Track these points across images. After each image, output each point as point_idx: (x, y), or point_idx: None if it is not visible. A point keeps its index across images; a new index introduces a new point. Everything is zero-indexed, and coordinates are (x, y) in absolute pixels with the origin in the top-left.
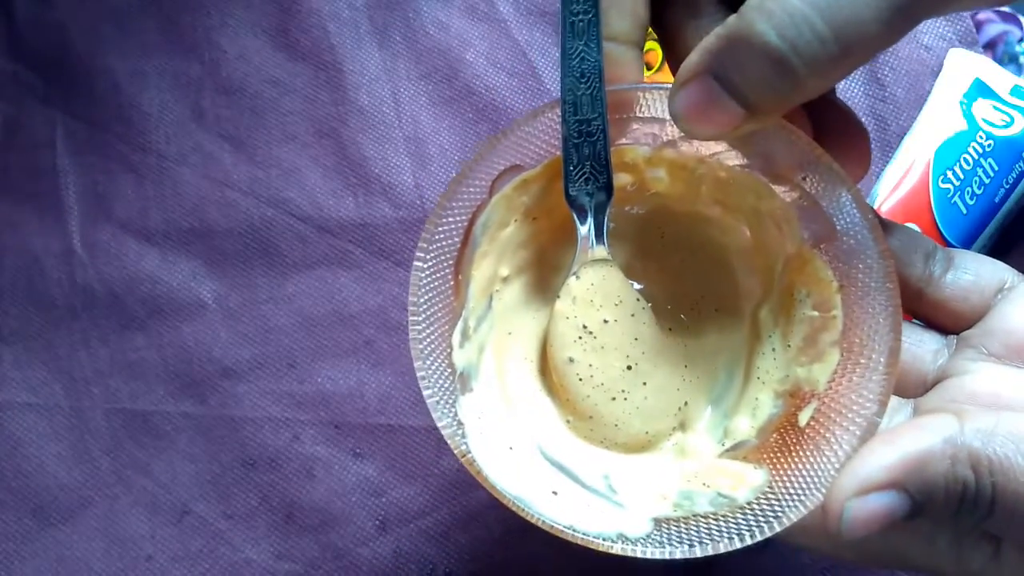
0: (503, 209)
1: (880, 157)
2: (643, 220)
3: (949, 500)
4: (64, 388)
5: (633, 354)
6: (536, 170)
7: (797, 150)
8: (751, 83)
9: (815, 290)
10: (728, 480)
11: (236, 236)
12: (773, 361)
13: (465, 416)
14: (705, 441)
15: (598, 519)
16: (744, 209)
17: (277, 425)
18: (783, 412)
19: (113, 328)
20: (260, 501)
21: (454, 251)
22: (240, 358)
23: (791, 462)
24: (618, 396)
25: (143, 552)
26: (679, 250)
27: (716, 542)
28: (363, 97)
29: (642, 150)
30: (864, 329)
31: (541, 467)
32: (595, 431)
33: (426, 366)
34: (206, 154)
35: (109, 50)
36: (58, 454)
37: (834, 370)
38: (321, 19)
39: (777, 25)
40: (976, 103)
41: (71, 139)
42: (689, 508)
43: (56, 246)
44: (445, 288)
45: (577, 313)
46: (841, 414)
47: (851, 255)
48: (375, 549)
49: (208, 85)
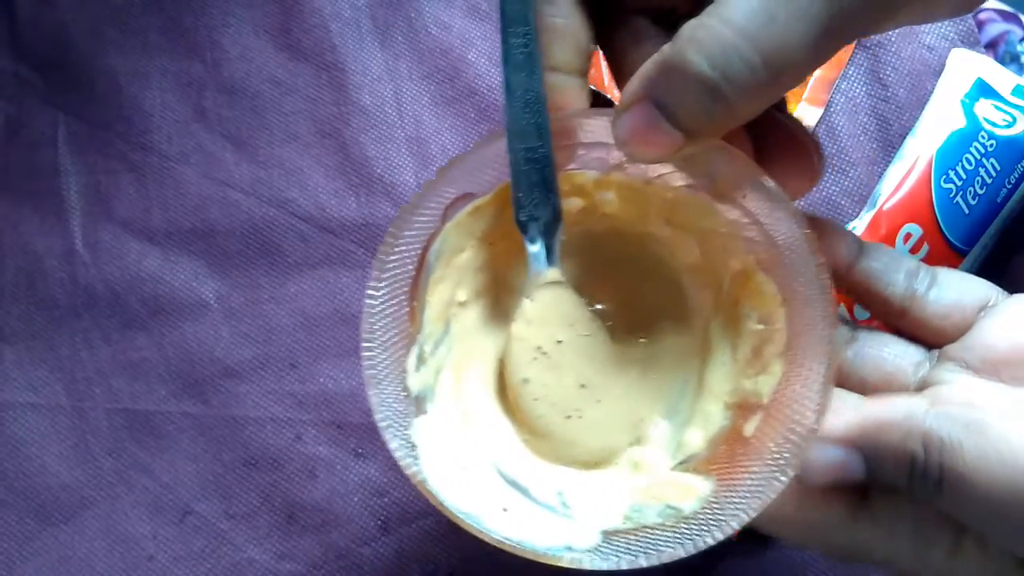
0: (457, 236)
1: (882, 157)
2: (595, 241)
3: (898, 470)
4: (66, 388)
5: (587, 373)
6: (488, 197)
7: (736, 170)
8: (686, 109)
9: (759, 305)
10: (677, 492)
11: (238, 236)
12: (723, 374)
13: (418, 438)
14: (659, 454)
15: (547, 533)
16: (691, 228)
17: (279, 425)
18: (731, 423)
19: (115, 328)
20: (262, 501)
21: (408, 279)
22: (242, 358)
23: (736, 471)
24: (573, 414)
25: (145, 552)
26: (631, 269)
27: (660, 552)
28: (365, 97)
29: (590, 174)
30: (804, 341)
31: (495, 485)
32: (552, 449)
33: (379, 391)
34: (208, 154)
35: (111, 50)
36: (60, 454)
37: (778, 381)
38: (323, 19)
39: (708, 54)
40: (978, 103)
41: (73, 138)
42: (639, 520)
43: (58, 246)
44: (400, 315)
45: (531, 334)
46: (783, 423)
47: (791, 270)
48: (377, 549)
49: (210, 85)
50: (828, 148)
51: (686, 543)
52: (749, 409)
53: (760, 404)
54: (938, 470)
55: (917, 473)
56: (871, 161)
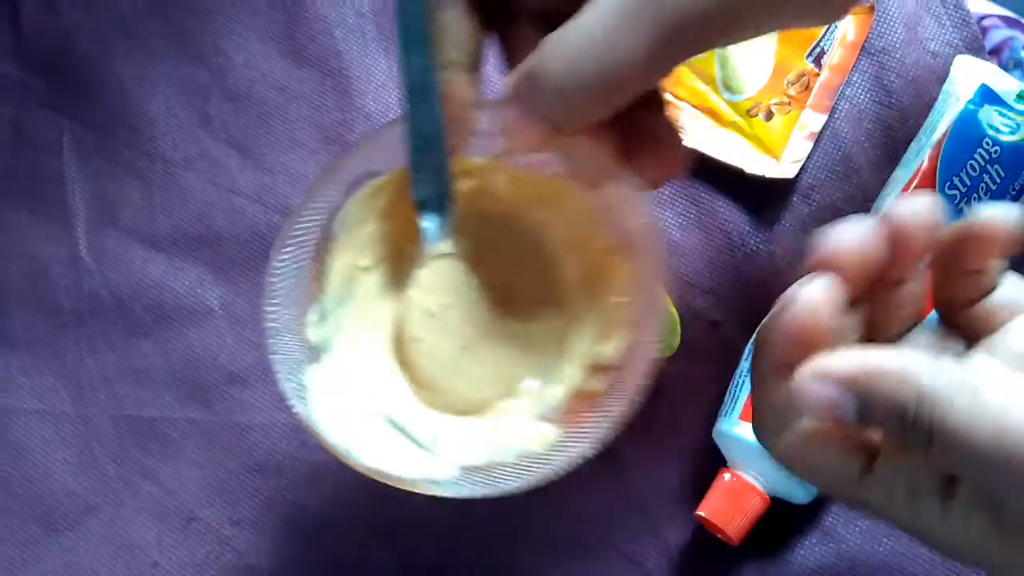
0: (360, 209)
1: (887, 164)
2: (482, 219)
3: (889, 419)
4: (71, 394)
5: (469, 335)
6: (388, 176)
7: (598, 161)
8: (545, 111)
9: (615, 281)
10: (529, 437)
11: (243, 242)
12: (583, 341)
13: (310, 382)
14: (524, 406)
15: (414, 467)
16: (563, 211)
17: (284, 431)
18: (586, 382)
19: (120, 334)
20: (266, 508)
21: (312, 245)
22: (246, 364)
23: (581, 422)
24: (454, 370)
25: (149, 558)
26: (512, 245)
27: (503, 483)
28: (370, 103)
29: (479, 159)
30: (645, 313)
31: (378, 426)
32: (435, 398)
33: (278, 340)
34: (213, 160)
35: (116, 56)
36: (64, 460)
37: (623, 348)
38: (327, 25)
39: (556, 64)
40: (982, 110)
41: (78, 145)
42: (495, 459)
43: (63, 252)
44: (302, 276)
45: (423, 299)
46: (620, 384)
47: (640, 252)
48: (381, 556)
49: (215, 91)
50: (833, 154)
51: (525, 478)
52: (600, 370)
53: (608, 366)
54: (928, 424)
55: (908, 424)
56: (875, 167)
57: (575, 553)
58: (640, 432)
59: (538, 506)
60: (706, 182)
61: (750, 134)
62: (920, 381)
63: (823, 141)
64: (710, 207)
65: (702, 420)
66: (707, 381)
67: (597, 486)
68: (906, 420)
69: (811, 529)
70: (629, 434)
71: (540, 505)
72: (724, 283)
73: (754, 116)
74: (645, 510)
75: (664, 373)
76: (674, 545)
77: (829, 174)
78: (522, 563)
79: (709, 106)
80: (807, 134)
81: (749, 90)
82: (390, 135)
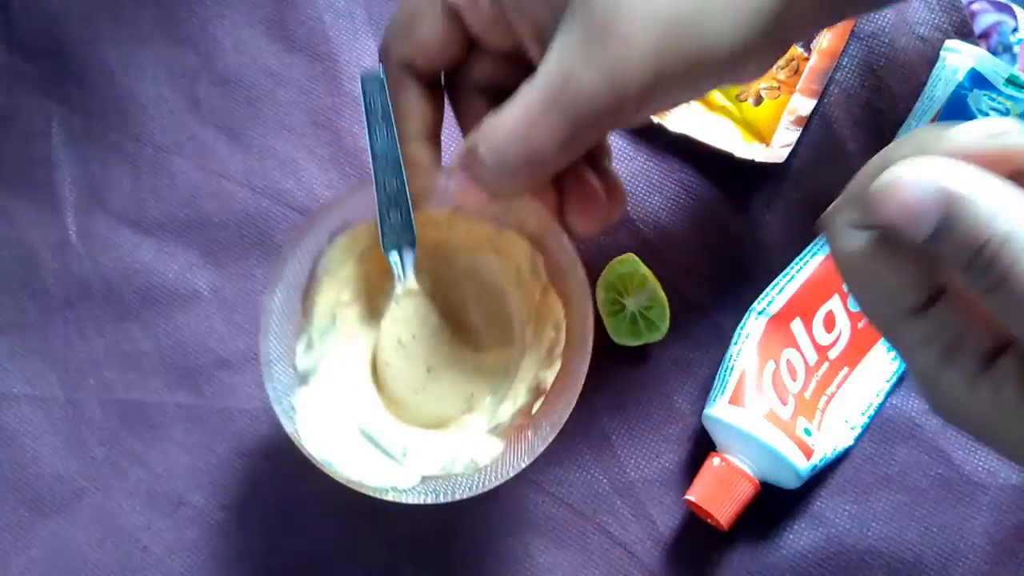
0: (340, 254)
1: (876, 148)
2: (443, 262)
3: (962, 251)
4: (59, 379)
5: (433, 360)
6: (362, 226)
7: (537, 216)
8: (483, 182)
9: (552, 315)
10: (478, 450)
11: (232, 227)
12: (529, 365)
13: (299, 403)
14: (481, 421)
15: (381, 476)
16: (509, 256)
17: (273, 416)
18: (528, 403)
19: (109, 319)
20: (255, 493)
21: (301, 285)
22: (236, 349)
23: (520, 437)
24: (420, 390)
25: (138, 543)
26: (470, 284)
27: (455, 492)
28: (358, 88)
29: (439, 212)
30: (575, 343)
31: (354, 440)
32: (404, 414)
33: (270, 368)
34: (202, 144)
35: (104, 40)
36: (53, 445)
37: (557, 372)
38: (317, 10)
39: (484, 151)
40: (972, 94)
41: (66, 129)
42: (449, 469)
43: (51, 236)
44: (292, 313)
45: (394, 330)
46: (552, 406)
47: (573, 291)
48: (371, 541)
49: (204, 76)
50: (822, 139)
51: (473, 487)
52: (538, 393)
53: (544, 389)
54: (1003, 269)
55: (981, 262)
56: (865, 152)
57: (564, 538)
58: (630, 417)
59: (527, 491)
60: (695, 167)
61: (739, 119)
62: (1013, 222)
63: (812, 126)
64: (699, 192)
65: (692, 405)
66: (696, 365)
67: (587, 471)
68: (982, 257)
69: (800, 514)
70: (619, 418)
71: (529, 490)
72: (713, 268)
73: (743, 101)
74: (635, 495)
75: (654, 358)
76: (663, 530)
77: (818, 159)
78: (511, 546)
79: None
80: (796, 119)
81: None
82: (363, 193)
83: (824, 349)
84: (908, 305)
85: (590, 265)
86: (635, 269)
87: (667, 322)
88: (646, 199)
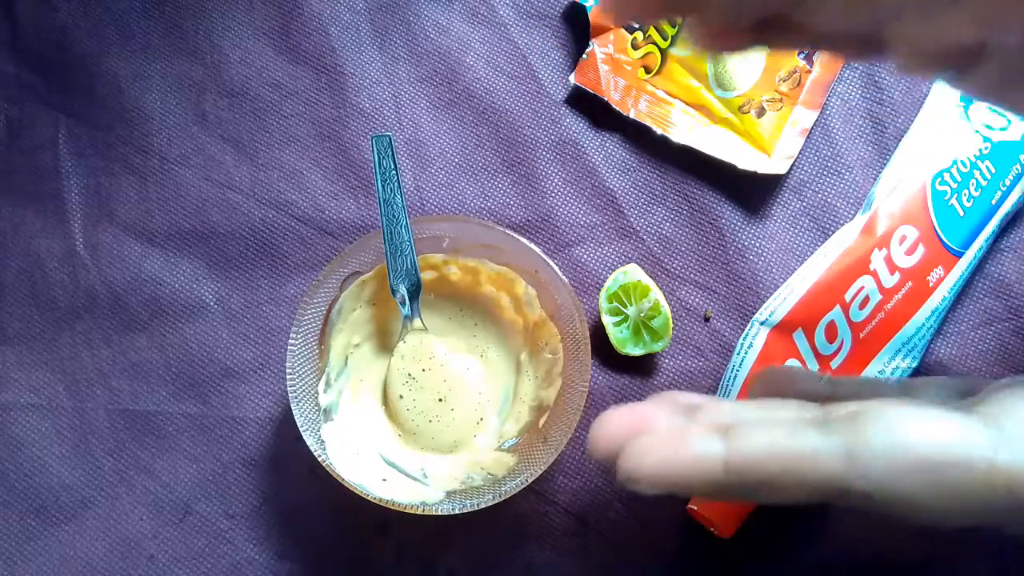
0: (351, 300)
1: (878, 160)
2: (447, 298)
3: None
4: (67, 389)
5: (442, 390)
6: (370, 274)
7: (531, 256)
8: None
9: (549, 341)
10: (494, 464)
11: (238, 238)
12: (529, 387)
13: (327, 437)
14: (490, 441)
15: (410, 494)
16: (508, 291)
17: (278, 426)
18: (533, 419)
19: (115, 329)
20: (262, 501)
21: (318, 330)
22: (242, 359)
23: (531, 450)
24: (433, 419)
25: (145, 552)
26: (472, 317)
27: (478, 501)
28: (364, 100)
29: (439, 256)
30: (573, 365)
31: (379, 466)
32: (418, 442)
33: (299, 407)
34: (208, 156)
35: (111, 53)
36: (60, 454)
37: (558, 391)
38: (322, 23)
39: None
40: (973, 106)
41: (74, 141)
42: (470, 483)
43: (59, 248)
44: (312, 355)
45: (404, 366)
46: (558, 419)
47: (567, 320)
48: (377, 549)
49: (210, 88)
50: (824, 150)
51: (495, 496)
52: (543, 410)
53: (548, 406)
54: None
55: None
56: (866, 164)
57: (564, 543)
58: None
59: (531, 500)
60: (698, 178)
61: (742, 130)
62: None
63: (814, 137)
64: (702, 203)
65: None
66: (700, 375)
67: (590, 480)
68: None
69: (801, 522)
70: None
71: (531, 497)
72: (716, 278)
73: (746, 112)
74: (637, 503)
75: (657, 367)
76: (665, 538)
77: (820, 170)
78: (511, 551)
79: (702, 103)
80: (799, 130)
81: (741, 87)
82: (370, 243)
83: (826, 359)
84: None
85: (593, 275)
86: (638, 279)
87: (670, 332)
88: (649, 210)
